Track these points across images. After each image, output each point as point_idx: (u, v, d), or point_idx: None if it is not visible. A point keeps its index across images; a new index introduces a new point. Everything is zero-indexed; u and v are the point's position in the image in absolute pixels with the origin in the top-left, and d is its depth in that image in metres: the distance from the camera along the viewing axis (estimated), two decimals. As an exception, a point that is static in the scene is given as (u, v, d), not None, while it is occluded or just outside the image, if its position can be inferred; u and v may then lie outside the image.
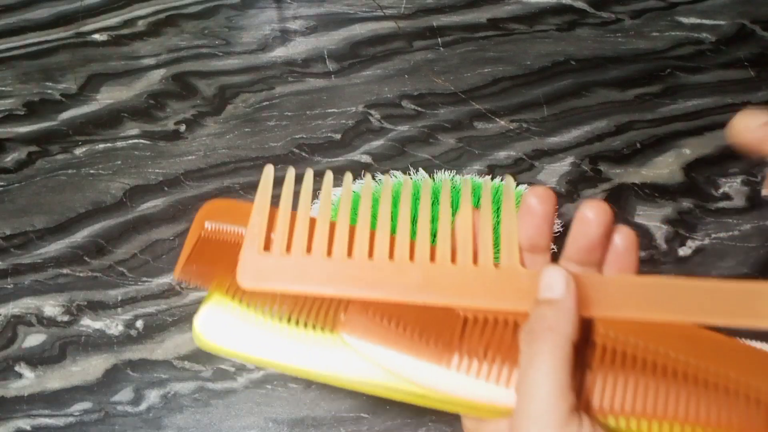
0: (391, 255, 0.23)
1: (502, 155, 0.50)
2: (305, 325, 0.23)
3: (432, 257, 0.23)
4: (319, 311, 0.23)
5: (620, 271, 0.23)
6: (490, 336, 0.22)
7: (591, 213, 0.22)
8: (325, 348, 0.23)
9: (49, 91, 0.55)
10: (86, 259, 0.46)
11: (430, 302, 0.22)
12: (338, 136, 0.51)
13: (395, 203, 0.44)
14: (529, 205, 0.23)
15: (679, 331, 0.22)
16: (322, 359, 0.23)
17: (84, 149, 0.51)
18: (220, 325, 0.24)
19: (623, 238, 0.23)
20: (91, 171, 0.50)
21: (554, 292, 0.21)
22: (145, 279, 0.45)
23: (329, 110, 0.53)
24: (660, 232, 0.46)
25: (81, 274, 0.45)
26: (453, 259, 0.23)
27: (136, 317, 0.43)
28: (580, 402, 0.21)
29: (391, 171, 0.47)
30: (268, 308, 0.24)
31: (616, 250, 0.23)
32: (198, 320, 0.24)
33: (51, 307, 0.44)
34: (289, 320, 0.24)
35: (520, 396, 0.20)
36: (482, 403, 0.22)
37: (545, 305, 0.21)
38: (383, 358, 0.22)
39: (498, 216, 0.43)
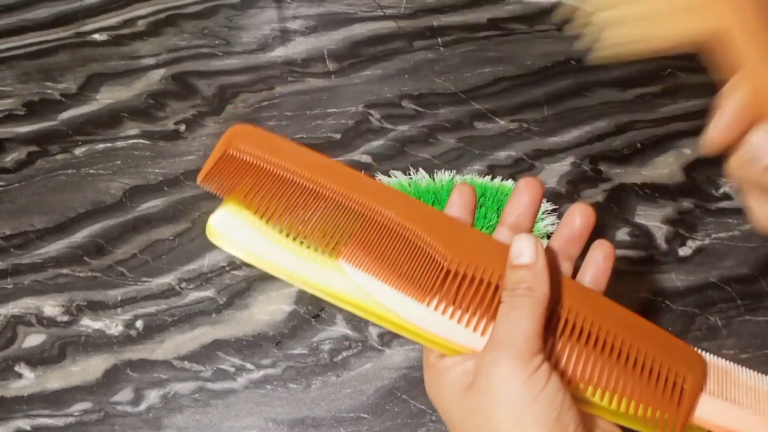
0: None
1: (502, 155, 0.50)
2: (308, 245, 0.26)
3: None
4: (324, 237, 0.26)
5: (595, 275, 0.27)
6: (466, 288, 0.25)
7: (578, 213, 0.26)
8: (322, 266, 0.26)
9: (49, 91, 0.55)
10: (86, 259, 0.46)
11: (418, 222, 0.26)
12: (338, 136, 0.51)
13: None
14: (518, 189, 0.27)
15: (625, 317, 0.25)
16: (317, 274, 0.26)
17: (84, 149, 0.51)
18: (233, 226, 0.27)
19: (602, 250, 0.27)
20: (91, 171, 0.50)
21: (525, 257, 0.24)
22: (144, 279, 0.45)
23: (329, 110, 0.53)
24: (660, 232, 0.46)
25: (81, 274, 0.45)
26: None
27: (136, 317, 0.43)
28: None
29: (391, 171, 0.47)
30: (279, 224, 0.27)
31: (595, 259, 0.27)
32: (214, 217, 0.27)
33: (51, 307, 0.44)
34: (295, 238, 0.26)
35: (499, 328, 0.23)
36: (450, 342, 0.25)
37: (523, 269, 0.24)
38: (372, 286, 0.26)
39: (498, 216, 0.43)
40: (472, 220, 0.28)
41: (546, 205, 0.44)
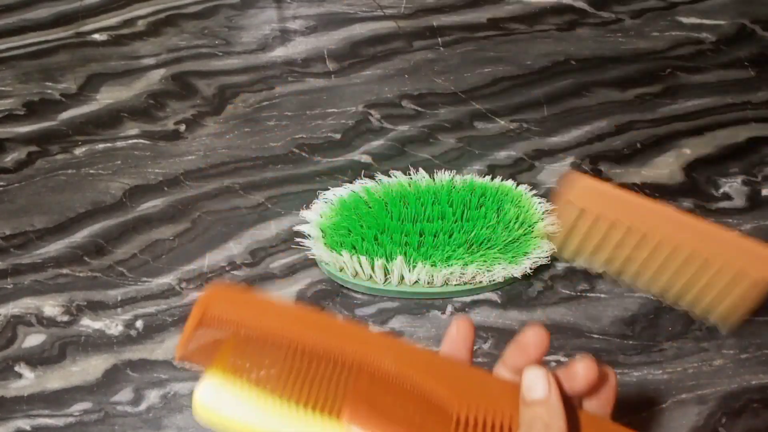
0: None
1: (502, 155, 0.50)
2: (306, 409, 0.24)
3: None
4: (322, 397, 0.24)
5: (600, 406, 0.25)
6: None
7: (581, 372, 0.24)
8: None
9: (49, 91, 0.55)
10: (86, 259, 0.46)
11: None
12: (338, 136, 0.51)
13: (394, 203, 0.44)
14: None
15: None
16: None
17: (84, 149, 0.51)
18: (221, 400, 0.24)
19: (608, 381, 0.25)
20: (91, 171, 0.50)
21: (537, 392, 0.23)
22: (144, 279, 0.45)
23: (329, 110, 0.53)
24: (660, 232, 0.46)
25: (81, 274, 0.45)
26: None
27: (136, 317, 0.43)
28: None
29: (391, 171, 0.47)
30: (271, 389, 0.24)
31: (598, 392, 0.26)
32: (199, 393, 0.24)
33: (51, 307, 0.44)
34: (291, 403, 0.24)
35: None
36: None
37: (537, 405, 0.23)
38: None
39: (498, 216, 0.43)
40: (470, 358, 0.27)
41: (546, 205, 0.44)
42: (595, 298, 0.43)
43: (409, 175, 0.47)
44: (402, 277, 0.41)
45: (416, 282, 0.42)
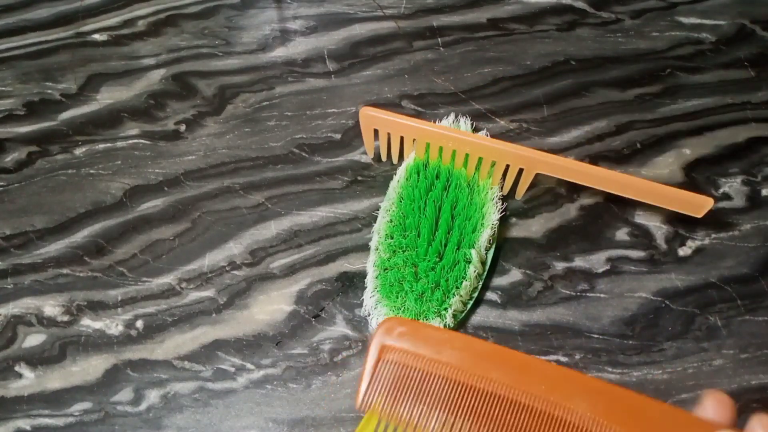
0: None
1: (502, 155, 0.50)
2: None
3: None
4: None
5: None
6: None
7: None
8: None
9: (49, 91, 0.55)
10: (86, 259, 0.46)
11: None
12: (338, 136, 0.51)
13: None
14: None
15: None
16: None
17: (84, 149, 0.51)
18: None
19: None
20: (91, 171, 0.50)
21: None
22: (145, 279, 0.45)
23: (329, 110, 0.53)
24: (660, 232, 0.46)
25: (81, 274, 0.45)
26: None
27: (136, 317, 0.43)
28: None
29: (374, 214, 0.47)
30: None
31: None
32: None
33: (51, 307, 0.44)
34: None
35: None
36: None
37: None
38: None
39: (470, 186, 0.44)
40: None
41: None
42: (595, 298, 0.43)
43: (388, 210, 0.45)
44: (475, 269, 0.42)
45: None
